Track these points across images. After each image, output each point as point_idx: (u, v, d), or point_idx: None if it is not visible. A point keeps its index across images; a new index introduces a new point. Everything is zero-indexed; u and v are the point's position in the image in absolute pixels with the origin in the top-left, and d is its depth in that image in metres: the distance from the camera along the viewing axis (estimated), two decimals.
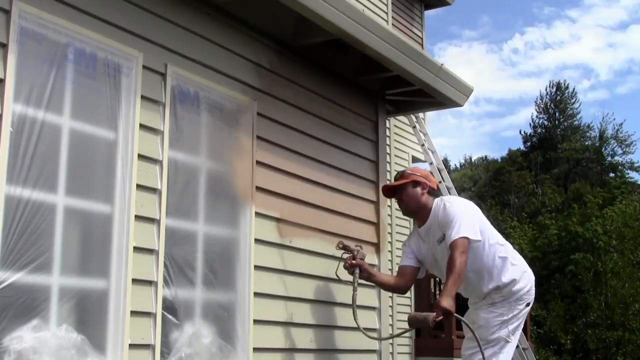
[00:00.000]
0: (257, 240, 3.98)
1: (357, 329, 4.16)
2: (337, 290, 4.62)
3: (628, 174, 38.67)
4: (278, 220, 4.18)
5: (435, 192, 4.29)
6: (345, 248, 4.23)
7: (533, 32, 73.15)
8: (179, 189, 3.58)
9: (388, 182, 4.30)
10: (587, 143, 40.72)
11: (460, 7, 77.88)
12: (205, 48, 3.84)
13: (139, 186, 3.32)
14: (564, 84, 43.32)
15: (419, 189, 4.23)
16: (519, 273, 4.14)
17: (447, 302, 3.82)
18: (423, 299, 10.27)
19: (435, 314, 3.85)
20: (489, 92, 73.75)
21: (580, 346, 20.32)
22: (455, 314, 3.91)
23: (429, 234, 4.20)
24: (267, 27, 4.25)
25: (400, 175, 4.32)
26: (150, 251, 3.36)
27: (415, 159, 10.62)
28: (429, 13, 11.93)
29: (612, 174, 38.50)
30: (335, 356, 4.59)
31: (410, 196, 4.24)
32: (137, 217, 3.30)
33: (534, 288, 4.22)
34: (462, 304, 4.34)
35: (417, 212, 4.27)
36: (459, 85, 5.39)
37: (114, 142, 3.29)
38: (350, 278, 4.20)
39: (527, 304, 4.15)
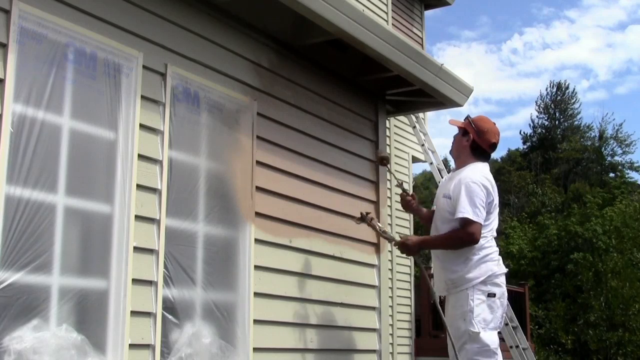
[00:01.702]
0: (257, 240, 3.98)
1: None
2: (337, 290, 4.63)
3: (628, 174, 38.66)
4: (278, 220, 4.18)
5: (480, 151, 4.22)
6: (363, 219, 4.37)
7: (532, 33, 73.02)
8: (179, 189, 3.57)
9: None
10: (587, 143, 40.70)
11: (459, 8, 77.73)
12: (205, 48, 3.84)
13: (139, 186, 3.33)
14: (565, 84, 43.32)
15: (464, 139, 4.25)
16: (474, 260, 4.01)
17: (413, 241, 4.12)
18: (423, 299, 10.27)
19: (400, 239, 4.14)
20: (488, 93, 73.68)
21: (580, 346, 20.31)
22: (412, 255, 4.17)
23: (448, 181, 4.23)
24: (267, 27, 4.25)
25: (465, 118, 4.35)
26: (150, 251, 3.36)
27: (415, 159, 10.62)
28: (428, 13, 11.93)
29: (612, 174, 38.48)
30: (335, 356, 4.59)
31: (456, 141, 4.32)
32: (137, 217, 3.30)
33: (495, 281, 4.04)
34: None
35: (455, 158, 4.35)
36: (459, 85, 5.39)
37: (114, 142, 3.29)
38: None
39: (489, 295, 3.99)
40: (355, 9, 4.28)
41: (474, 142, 4.20)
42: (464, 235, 3.95)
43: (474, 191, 3.99)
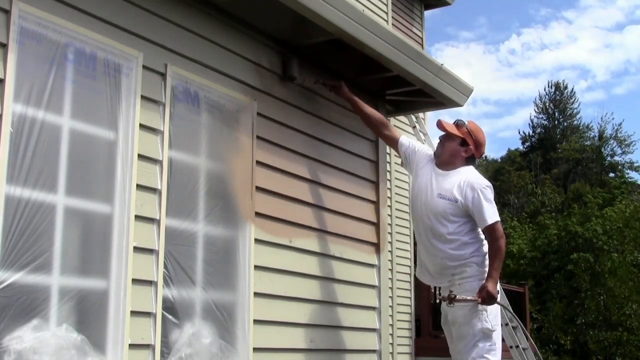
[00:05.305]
0: (257, 240, 3.98)
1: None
2: (337, 290, 4.63)
3: (628, 174, 38.65)
4: (278, 220, 4.18)
5: (473, 160, 4.35)
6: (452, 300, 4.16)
7: (530, 33, 72.93)
8: (179, 189, 3.57)
9: (443, 121, 4.40)
10: (586, 143, 40.70)
11: (457, 8, 77.71)
12: (205, 48, 3.84)
13: (139, 186, 3.32)
14: (563, 83, 43.33)
15: (462, 149, 4.30)
16: (481, 254, 4.17)
17: (493, 287, 3.99)
18: (423, 299, 10.27)
19: (480, 295, 3.99)
20: (486, 93, 73.58)
21: (579, 346, 20.31)
22: (498, 302, 4.04)
23: (441, 180, 4.23)
24: (267, 27, 4.25)
25: (457, 125, 4.33)
26: (150, 251, 3.36)
27: None
28: (427, 14, 11.92)
29: (612, 174, 38.47)
30: (335, 356, 4.59)
31: (450, 149, 4.32)
32: (137, 217, 3.30)
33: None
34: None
35: (445, 162, 4.31)
36: (459, 85, 5.39)
37: (114, 142, 3.28)
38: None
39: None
40: (355, 9, 4.28)
41: (472, 154, 4.32)
42: (500, 239, 4.10)
43: (490, 194, 4.18)
